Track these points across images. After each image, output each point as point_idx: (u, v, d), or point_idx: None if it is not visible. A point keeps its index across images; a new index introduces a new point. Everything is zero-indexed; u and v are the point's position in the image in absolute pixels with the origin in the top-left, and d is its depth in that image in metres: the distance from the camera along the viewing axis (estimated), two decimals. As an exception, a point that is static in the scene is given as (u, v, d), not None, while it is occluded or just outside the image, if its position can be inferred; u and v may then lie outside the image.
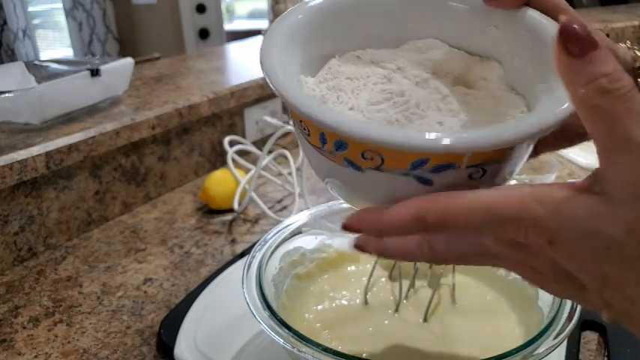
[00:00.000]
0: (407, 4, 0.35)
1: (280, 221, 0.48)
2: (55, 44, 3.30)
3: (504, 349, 0.33)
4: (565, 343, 0.43)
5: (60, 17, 3.13)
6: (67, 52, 3.19)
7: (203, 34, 3.01)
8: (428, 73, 0.33)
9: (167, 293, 0.57)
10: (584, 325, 0.47)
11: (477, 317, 0.42)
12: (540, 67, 0.31)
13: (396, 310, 0.43)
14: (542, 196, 0.22)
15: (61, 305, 0.56)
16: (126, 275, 0.61)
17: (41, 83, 0.70)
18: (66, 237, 0.70)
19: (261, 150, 0.75)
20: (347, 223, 0.26)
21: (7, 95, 0.68)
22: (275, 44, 0.30)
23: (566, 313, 0.35)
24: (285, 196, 0.79)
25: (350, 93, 0.31)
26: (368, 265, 0.47)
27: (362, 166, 0.28)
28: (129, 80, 0.85)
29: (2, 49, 3.09)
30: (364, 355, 0.38)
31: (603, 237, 0.21)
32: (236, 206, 0.72)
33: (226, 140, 0.81)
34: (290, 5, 1.29)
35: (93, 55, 3.05)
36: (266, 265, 0.42)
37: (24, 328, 0.53)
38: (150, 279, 0.60)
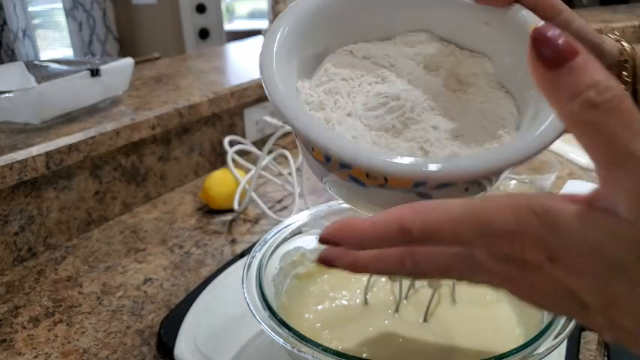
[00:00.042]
0: None
1: (280, 221, 0.48)
2: (55, 44, 3.30)
3: (504, 349, 0.33)
4: (565, 343, 0.43)
5: (60, 17, 3.13)
6: (67, 52, 3.19)
7: (203, 34, 3.01)
8: (420, 68, 0.34)
9: (167, 293, 0.57)
10: (584, 325, 0.47)
11: (477, 317, 0.42)
12: (528, 74, 0.31)
13: (396, 310, 0.43)
14: (539, 208, 0.20)
15: (61, 305, 0.56)
16: (126, 275, 0.61)
17: (41, 83, 0.70)
18: (66, 237, 0.70)
19: (261, 150, 0.75)
20: (324, 236, 0.23)
21: (7, 95, 0.68)
22: (272, 59, 0.30)
23: (566, 313, 0.35)
24: (285, 196, 0.79)
25: (346, 96, 0.32)
26: (368, 265, 0.47)
27: (366, 183, 0.29)
28: (129, 80, 0.85)
29: (2, 49, 3.09)
30: (364, 355, 0.38)
31: (609, 256, 0.19)
32: (236, 206, 0.72)
33: (226, 140, 0.81)
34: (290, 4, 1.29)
35: (93, 55, 3.05)
36: (266, 265, 0.42)
37: (24, 328, 0.53)
38: (150, 279, 0.60)
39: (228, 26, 3.26)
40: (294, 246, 0.46)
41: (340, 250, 0.24)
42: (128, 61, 0.83)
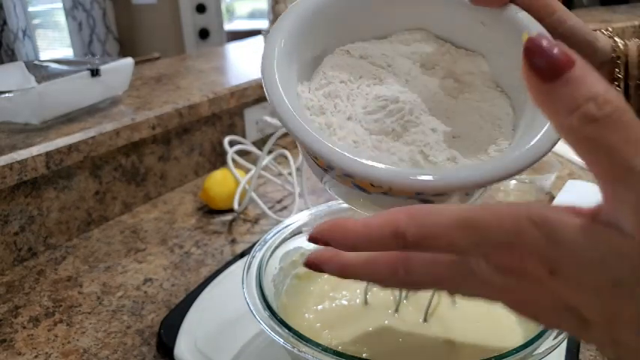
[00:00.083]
0: None
1: (280, 221, 0.48)
2: (55, 44, 3.31)
3: (504, 349, 0.33)
4: (565, 343, 0.43)
5: (60, 17, 3.13)
6: (67, 52, 3.19)
7: (203, 34, 3.01)
8: (416, 68, 0.34)
9: (167, 293, 0.57)
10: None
11: (477, 317, 0.42)
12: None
13: (396, 310, 0.43)
14: (540, 220, 0.19)
15: (61, 305, 0.56)
16: (126, 275, 0.61)
17: (41, 83, 0.70)
18: (66, 237, 0.70)
19: (261, 150, 0.75)
20: (314, 234, 0.22)
21: (7, 95, 0.68)
22: (273, 65, 0.31)
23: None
24: (285, 196, 0.79)
25: (346, 99, 0.32)
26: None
27: (369, 191, 0.29)
28: (129, 80, 0.85)
29: (2, 49, 3.09)
30: (364, 355, 0.38)
31: (612, 271, 0.18)
32: (236, 206, 0.72)
33: (226, 140, 0.81)
34: (289, 5, 1.29)
35: (93, 55, 3.05)
36: (266, 265, 0.42)
37: (24, 328, 0.53)
38: (150, 279, 0.60)
39: (228, 26, 3.26)
40: (294, 246, 0.46)
41: (329, 255, 0.23)
42: (128, 61, 0.83)
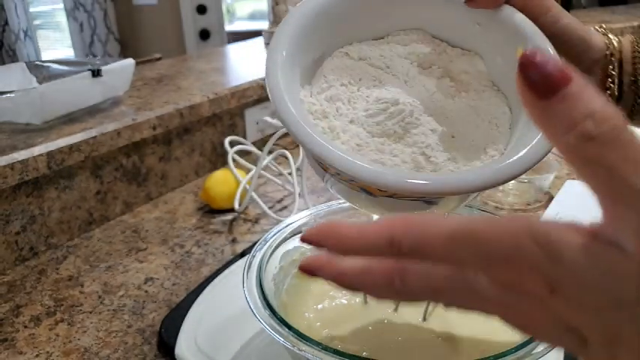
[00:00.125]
0: None
1: (280, 221, 0.48)
2: (56, 45, 3.31)
3: (503, 348, 0.33)
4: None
5: (61, 18, 3.14)
6: (68, 53, 3.19)
7: (204, 35, 3.01)
8: (414, 68, 0.35)
9: (168, 292, 0.57)
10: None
11: (476, 316, 0.42)
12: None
13: (396, 309, 0.43)
14: (541, 236, 0.19)
15: (63, 304, 0.56)
16: (127, 275, 0.61)
17: (42, 84, 0.70)
18: (67, 236, 0.70)
19: (261, 150, 0.75)
20: (307, 236, 0.22)
21: (9, 95, 0.68)
22: (277, 72, 0.31)
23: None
24: (285, 196, 0.80)
25: (347, 103, 0.33)
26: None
27: (375, 194, 0.30)
28: (130, 81, 0.85)
29: (3, 50, 3.10)
30: (364, 354, 0.39)
31: (614, 291, 0.18)
32: (236, 206, 0.72)
33: (227, 140, 0.81)
34: (290, 6, 1.29)
35: (94, 56, 3.06)
36: (266, 265, 0.42)
37: (25, 328, 0.53)
38: (151, 278, 0.60)
39: (228, 27, 3.26)
40: (294, 245, 0.46)
41: (324, 261, 0.22)
42: (129, 62, 0.83)
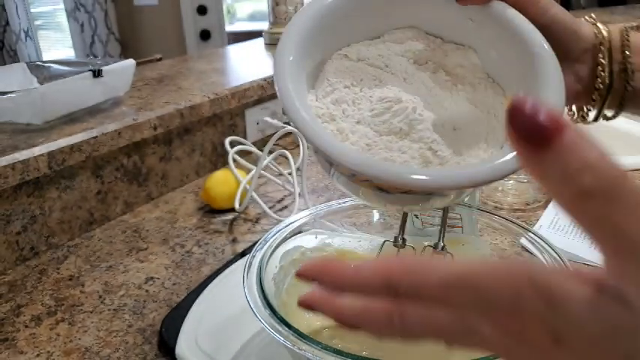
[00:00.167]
0: None
1: (281, 221, 0.48)
2: (57, 45, 3.31)
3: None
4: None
5: (62, 18, 3.14)
6: (69, 53, 3.20)
7: (204, 36, 3.01)
8: (411, 65, 0.36)
9: (168, 292, 0.58)
10: None
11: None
12: (516, 65, 0.34)
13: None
14: (542, 286, 0.18)
15: (63, 304, 0.56)
16: (127, 274, 0.62)
17: (43, 84, 0.70)
18: (68, 236, 0.70)
19: (261, 150, 0.75)
20: (302, 271, 0.22)
21: (10, 96, 0.68)
22: (287, 83, 0.32)
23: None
24: (285, 196, 0.80)
25: (352, 104, 0.34)
26: (368, 264, 0.47)
27: (391, 191, 0.32)
28: (130, 81, 0.85)
29: (4, 50, 3.10)
30: (364, 354, 0.39)
31: (620, 347, 0.18)
32: (237, 206, 0.72)
33: (227, 140, 0.81)
34: (290, 7, 1.29)
35: (95, 56, 3.06)
36: (266, 264, 0.42)
37: (26, 327, 0.53)
38: (151, 278, 0.60)
39: (229, 28, 3.26)
40: (294, 245, 0.46)
41: (324, 298, 0.22)
42: (130, 62, 0.83)
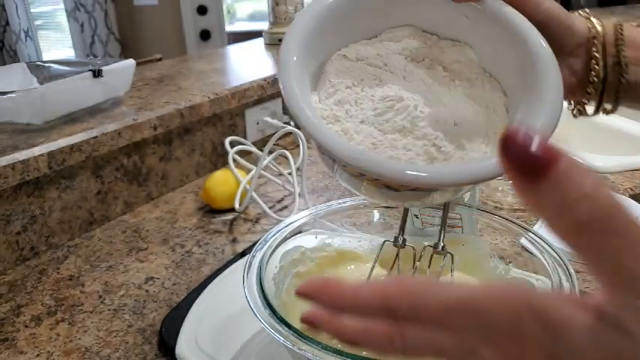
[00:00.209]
0: None
1: (281, 221, 0.48)
2: (57, 45, 3.31)
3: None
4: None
5: (62, 18, 3.14)
6: (69, 53, 3.20)
7: (204, 36, 3.01)
8: (409, 63, 0.37)
9: (168, 292, 0.58)
10: None
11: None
12: (512, 60, 0.35)
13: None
14: (541, 313, 0.18)
15: (63, 304, 0.56)
16: (127, 274, 0.62)
17: (43, 84, 0.70)
18: (68, 236, 0.70)
19: (261, 150, 0.75)
20: (302, 290, 0.22)
21: (10, 96, 0.68)
22: (292, 83, 0.32)
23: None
24: (285, 196, 0.80)
25: (354, 104, 0.35)
26: (367, 265, 0.47)
27: (399, 189, 0.32)
28: (130, 81, 0.85)
29: (4, 50, 3.10)
30: (364, 353, 0.39)
31: None
32: (237, 206, 0.72)
33: (227, 141, 0.81)
34: (290, 7, 1.29)
35: (95, 56, 3.06)
36: (266, 264, 0.42)
37: (26, 327, 0.53)
38: (151, 278, 0.60)
39: (229, 28, 3.26)
40: (294, 245, 0.46)
41: (326, 317, 0.22)
42: (130, 62, 0.83)
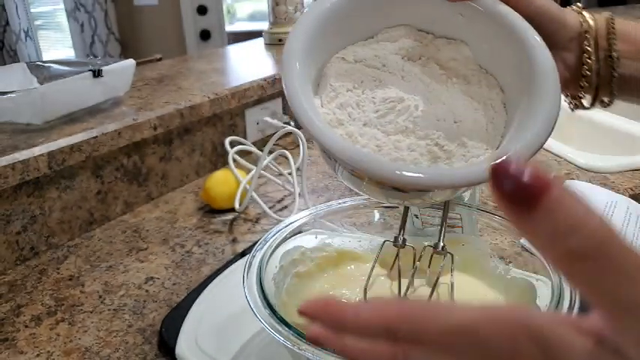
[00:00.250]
0: None
1: (281, 221, 0.48)
2: (57, 45, 3.31)
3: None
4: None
5: (62, 18, 3.14)
6: (69, 53, 3.20)
7: (204, 36, 3.01)
8: (407, 62, 0.38)
9: (168, 292, 0.58)
10: None
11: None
12: (508, 57, 0.35)
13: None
14: (540, 337, 0.18)
15: (63, 304, 0.56)
16: (127, 274, 0.62)
17: (43, 84, 0.70)
18: (68, 236, 0.70)
19: (261, 150, 0.75)
20: (304, 309, 0.22)
21: (10, 96, 0.68)
22: (297, 89, 0.33)
23: (564, 312, 0.35)
24: (285, 196, 0.80)
25: (356, 107, 0.35)
26: (367, 265, 0.47)
27: (407, 190, 0.33)
28: (130, 81, 0.85)
29: (4, 50, 3.10)
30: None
31: None
32: (237, 206, 0.72)
33: (227, 140, 0.81)
34: (290, 7, 1.29)
35: (95, 56, 3.06)
36: (266, 264, 0.42)
37: (26, 327, 0.53)
38: (151, 278, 0.60)
39: (229, 28, 3.26)
40: (294, 245, 0.46)
41: (330, 335, 0.22)
42: (130, 62, 0.83)
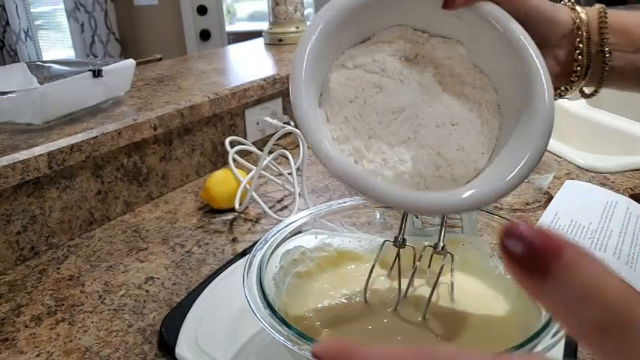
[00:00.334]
0: None
1: (281, 220, 0.48)
2: (57, 45, 3.32)
3: (502, 348, 0.33)
4: (563, 342, 0.43)
5: (62, 18, 3.14)
6: (69, 53, 3.20)
7: (204, 36, 3.01)
8: (404, 65, 0.38)
9: (168, 292, 0.58)
10: None
11: (476, 315, 0.42)
12: (502, 58, 0.36)
13: (396, 309, 0.43)
14: None
15: (63, 304, 0.56)
16: (128, 274, 0.62)
17: (43, 84, 0.70)
18: (68, 236, 0.70)
19: (261, 150, 0.75)
20: (318, 351, 0.22)
21: (10, 96, 0.68)
22: (304, 99, 0.33)
23: (563, 312, 0.35)
24: (285, 196, 0.80)
25: (360, 119, 0.36)
26: (367, 264, 0.47)
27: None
28: (130, 81, 0.85)
29: (4, 50, 3.10)
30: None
31: None
32: (237, 206, 0.73)
33: (227, 140, 0.81)
34: (290, 7, 1.29)
35: (95, 56, 3.06)
36: (266, 264, 0.42)
37: (26, 327, 0.53)
38: (151, 278, 0.60)
39: (229, 28, 3.26)
40: (294, 245, 0.46)
41: None
42: (130, 62, 0.83)
